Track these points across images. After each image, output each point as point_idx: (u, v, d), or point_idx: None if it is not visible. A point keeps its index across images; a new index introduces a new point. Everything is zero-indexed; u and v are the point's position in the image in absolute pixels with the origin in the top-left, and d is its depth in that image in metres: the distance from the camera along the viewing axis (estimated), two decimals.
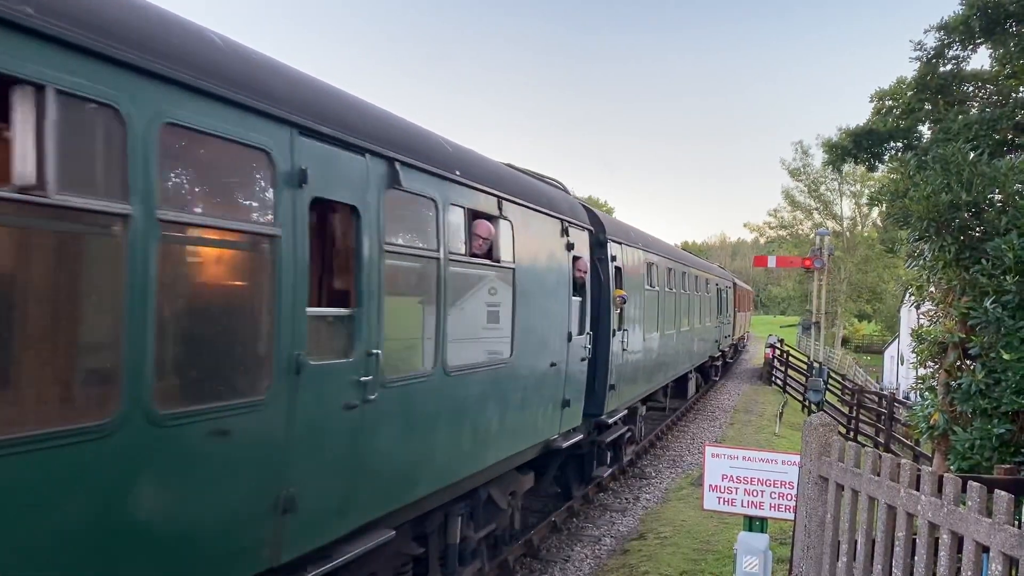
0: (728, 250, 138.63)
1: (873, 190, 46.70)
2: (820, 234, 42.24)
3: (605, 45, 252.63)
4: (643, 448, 14.51)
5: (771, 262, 47.99)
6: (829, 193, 63.37)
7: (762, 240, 74.59)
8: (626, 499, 11.48)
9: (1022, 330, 5.67)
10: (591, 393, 9.74)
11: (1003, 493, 3.70)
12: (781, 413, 19.63)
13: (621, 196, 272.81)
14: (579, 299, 9.08)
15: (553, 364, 8.15)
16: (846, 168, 41.43)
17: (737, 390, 27.13)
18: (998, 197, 6.28)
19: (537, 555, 8.63)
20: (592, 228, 9.88)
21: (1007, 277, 5.79)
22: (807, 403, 23.45)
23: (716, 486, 5.92)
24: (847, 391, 23.18)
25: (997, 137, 14.19)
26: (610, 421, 10.36)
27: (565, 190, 9.74)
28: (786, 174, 65.00)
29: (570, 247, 8.69)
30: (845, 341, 67.16)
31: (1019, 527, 3.61)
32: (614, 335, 10.34)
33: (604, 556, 8.83)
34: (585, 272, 9.25)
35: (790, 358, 30.43)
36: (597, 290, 9.97)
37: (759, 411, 21.93)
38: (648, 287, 12.93)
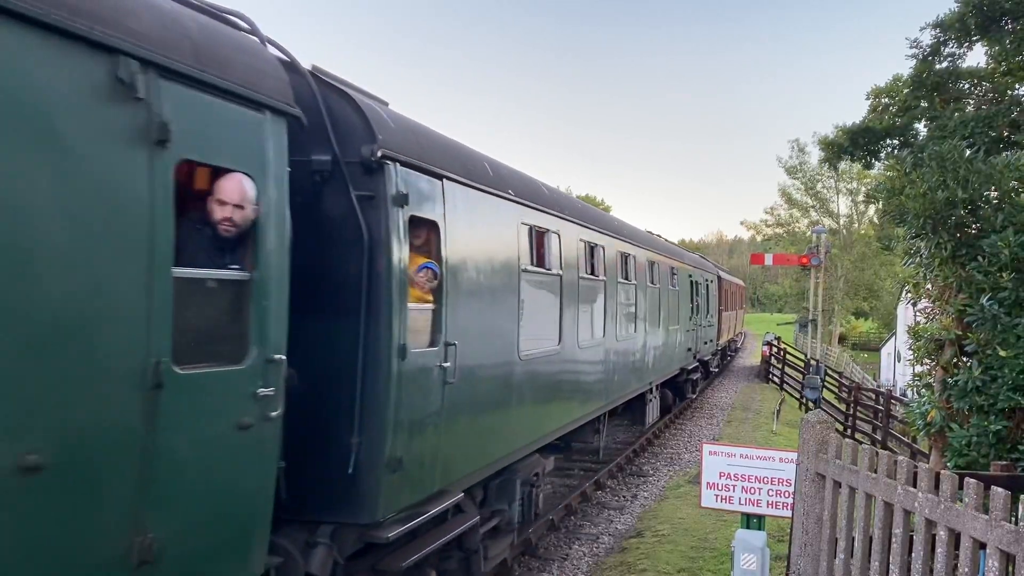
0: (725, 248, 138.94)
1: (870, 187, 46.84)
2: (817, 232, 42.33)
3: (602, 42, 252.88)
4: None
5: (768, 260, 48.06)
6: (826, 191, 63.47)
7: (759, 238, 74.59)
8: (624, 497, 11.49)
9: (1018, 327, 5.69)
10: (346, 481, 4.66)
11: (1000, 489, 3.71)
12: (778, 411, 19.66)
13: (618, 195, 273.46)
14: (235, 275, 3.91)
15: (31, 470, 2.80)
16: (842, 166, 41.55)
17: (734, 388, 27.18)
18: (994, 194, 6.30)
19: (535, 553, 8.63)
20: (297, 113, 4.22)
21: (1003, 274, 5.81)
22: (804, 401, 23.49)
23: (714, 484, 5.93)
24: (844, 388, 23.20)
25: (993, 134, 14.23)
26: (391, 535, 4.87)
27: (253, 31, 4.32)
28: (783, 172, 65.17)
29: (160, 138, 3.36)
30: (842, 338, 67.29)
31: (1016, 523, 3.62)
32: (405, 357, 4.93)
33: (602, 554, 8.84)
34: (247, 210, 3.87)
35: (787, 356, 30.48)
36: (359, 261, 4.72)
37: (756, 409, 21.97)
38: (536, 269, 7.55)
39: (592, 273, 9.78)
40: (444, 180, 5.65)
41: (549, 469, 8.84)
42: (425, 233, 5.47)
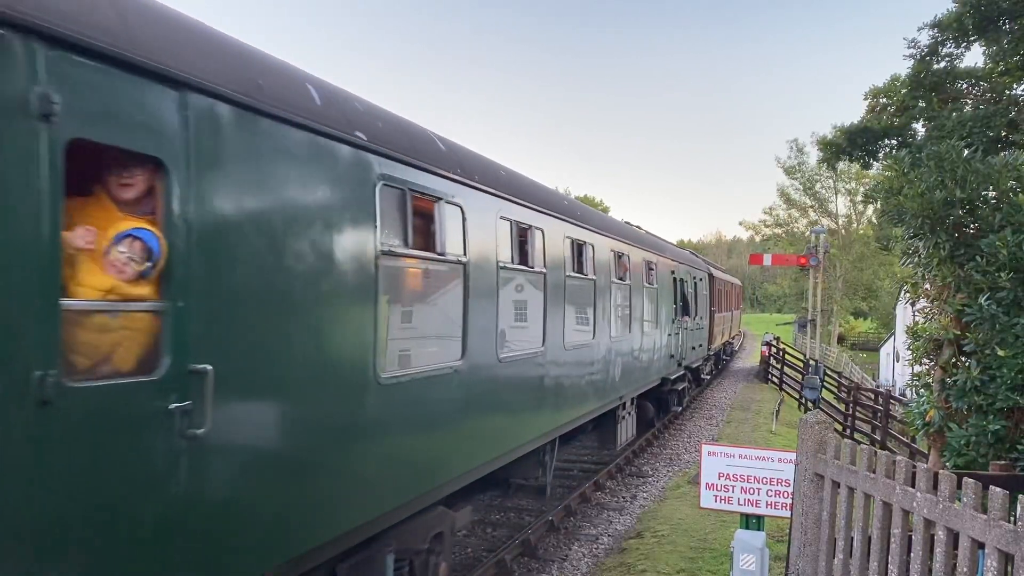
0: (724, 248, 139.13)
1: (868, 187, 46.89)
2: (815, 232, 42.42)
3: (600, 41, 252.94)
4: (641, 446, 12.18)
5: (767, 260, 48.12)
6: (824, 191, 63.56)
7: (758, 238, 74.67)
8: (623, 498, 11.49)
9: (1017, 326, 5.69)
10: None
11: (998, 489, 3.71)
12: (777, 411, 19.67)
13: (617, 195, 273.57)
14: None
15: None
16: (841, 166, 41.62)
17: (733, 388, 27.18)
18: (992, 194, 6.30)
19: (535, 554, 8.63)
20: None
21: (1001, 274, 5.80)
22: (803, 401, 23.49)
23: (713, 484, 5.93)
24: (843, 388, 23.21)
25: (991, 134, 14.26)
26: None
27: None
28: (781, 172, 65.25)
29: None
30: (841, 338, 67.35)
31: (1014, 523, 3.62)
32: (50, 400, 2.73)
33: (602, 555, 8.84)
34: None
35: (786, 356, 30.48)
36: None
37: (756, 409, 21.97)
38: (413, 253, 5.33)
39: (524, 264, 7.55)
40: (189, 92, 3.37)
41: (463, 524, 6.95)
42: (137, 179, 3.31)
